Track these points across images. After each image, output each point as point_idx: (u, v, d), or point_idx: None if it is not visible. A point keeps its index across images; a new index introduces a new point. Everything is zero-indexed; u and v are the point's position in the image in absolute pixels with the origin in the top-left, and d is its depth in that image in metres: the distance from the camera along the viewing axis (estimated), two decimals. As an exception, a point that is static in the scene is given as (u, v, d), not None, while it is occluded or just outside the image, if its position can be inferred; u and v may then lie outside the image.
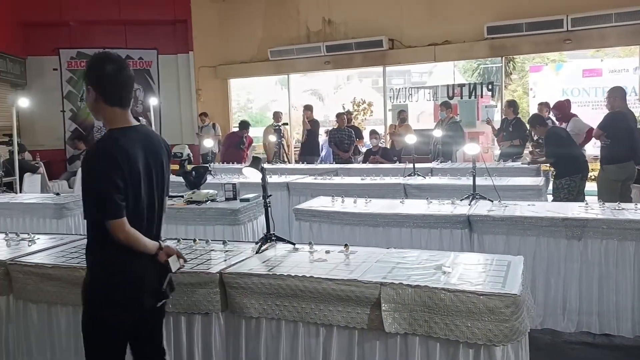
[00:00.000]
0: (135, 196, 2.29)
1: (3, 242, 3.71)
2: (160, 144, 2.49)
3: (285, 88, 12.80)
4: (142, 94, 12.09)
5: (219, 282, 2.72)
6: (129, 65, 2.38)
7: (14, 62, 11.18)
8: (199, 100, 12.02)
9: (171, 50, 12.07)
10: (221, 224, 4.69)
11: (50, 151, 11.37)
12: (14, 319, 3.11)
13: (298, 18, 11.34)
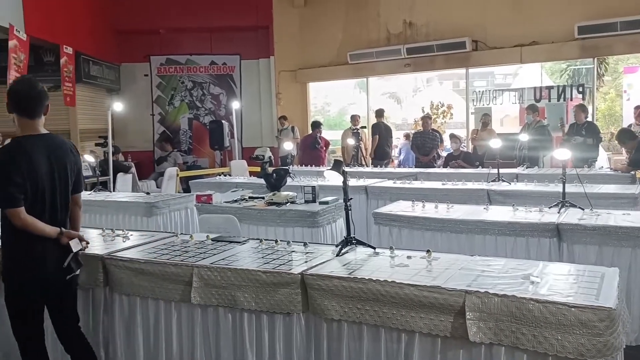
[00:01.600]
0: (36, 190, 2.81)
1: (100, 237, 3.96)
2: (67, 150, 3.01)
3: (364, 91, 12.80)
4: (225, 97, 12.51)
5: (300, 283, 2.76)
6: (39, 86, 2.93)
7: (110, 69, 11.90)
8: (279, 103, 12.26)
9: (253, 56, 12.40)
10: (300, 226, 4.75)
11: (140, 152, 12.01)
12: (109, 310, 3.30)
13: (378, 21, 11.32)
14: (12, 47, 7.58)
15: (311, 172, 7.82)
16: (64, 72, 9.19)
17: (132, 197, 6.38)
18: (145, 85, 12.53)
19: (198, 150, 12.59)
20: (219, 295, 2.93)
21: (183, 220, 5.91)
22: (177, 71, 12.56)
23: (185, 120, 12.69)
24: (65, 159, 2.96)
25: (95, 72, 11.20)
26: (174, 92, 12.63)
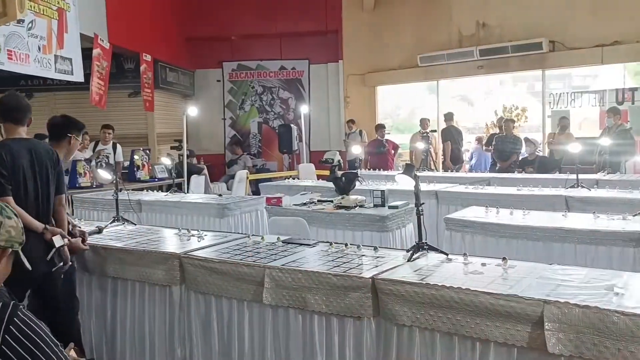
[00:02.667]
0: (19, 186, 3.17)
1: (176, 237, 4.11)
2: (47, 153, 3.37)
3: (433, 94, 12.60)
4: (294, 101, 12.68)
5: (371, 287, 2.74)
6: (23, 98, 3.59)
7: (184, 75, 12.36)
8: (347, 107, 12.29)
9: (322, 60, 12.51)
10: (369, 230, 4.73)
11: (212, 155, 12.38)
12: (184, 307, 3.41)
13: (450, 23, 11.13)
14: (96, 55, 8.03)
15: (379, 176, 7.78)
16: (144, 79, 9.64)
17: (205, 198, 6.58)
18: (217, 91, 12.91)
19: (267, 153, 12.83)
20: (290, 297, 2.96)
21: (253, 221, 6.03)
22: (248, 76, 12.86)
23: (255, 124, 12.97)
24: (45, 159, 3.34)
25: (172, 79, 11.67)
26: (245, 97, 12.94)
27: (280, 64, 12.69)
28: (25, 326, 1.26)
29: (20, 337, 1.24)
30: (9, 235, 1.42)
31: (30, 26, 6.15)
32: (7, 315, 1.26)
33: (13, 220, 1.44)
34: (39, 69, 6.48)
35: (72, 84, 7.89)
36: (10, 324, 1.25)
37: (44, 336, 1.29)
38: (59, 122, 3.83)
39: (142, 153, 9.40)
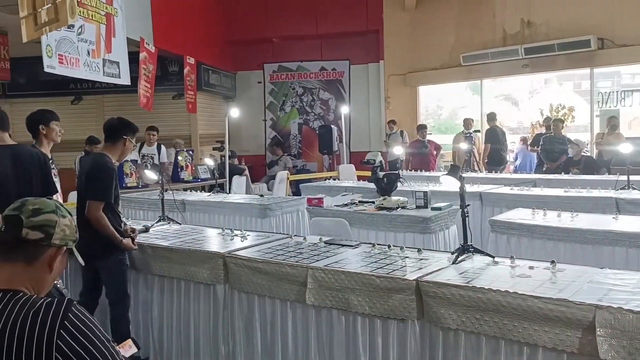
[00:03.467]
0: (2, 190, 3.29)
1: (220, 236, 4.17)
2: (32, 157, 3.50)
3: (476, 94, 12.39)
4: (334, 102, 12.68)
5: (415, 290, 2.71)
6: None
7: (226, 77, 12.53)
8: (388, 108, 12.22)
9: (362, 60, 12.47)
10: (411, 231, 4.68)
11: (252, 156, 12.51)
12: (228, 306, 3.46)
13: (494, 21, 10.92)
14: (142, 58, 8.23)
15: (421, 177, 7.70)
16: (187, 81, 9.81)
17: (246, 199, 6.65)
18: (258, 92, 13.04)
19: (307, 154, 12.87)
20: (333, 298, 2.96)
21: (294, 222, 6.06)
22: (289, 78, 12.93)
23: (295, 125, 13.04)
24: (28, 163, 3.48)
25: (214, 81, 11.85)
26: (285, 98, 13.02)
27: (320, 64, 12.72)
28: (79, 321, 1.30)
29: (74, 332, 1.28)
30: (63, 234, 1.46)
31: (80, 31, 6.34)
32: (62, 310, 1.30)
33: (67, 219, 1.49)
34: (88, 73, 6.67)
35: (119, 87, 8.10)
36: (65, 319, 1.28)
37: (97, 331, 1.33)
38: (114, 125, 3.92)
39: (185, 154, 9.58)
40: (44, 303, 1.31)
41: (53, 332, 1.26)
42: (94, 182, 3.70)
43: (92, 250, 3.61)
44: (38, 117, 4.02)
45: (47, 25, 4.89)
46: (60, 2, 4.77)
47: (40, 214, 1.42)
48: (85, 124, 10.67)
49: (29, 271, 1.40)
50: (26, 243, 1.39)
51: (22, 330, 1.26)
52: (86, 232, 3.65)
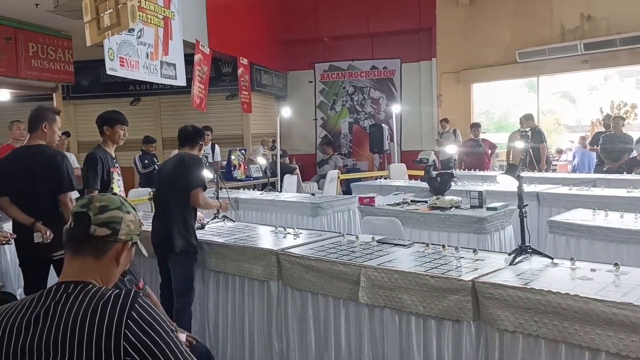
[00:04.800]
0: (18, 187, 3.76)
1: (273, 234, 4.23)
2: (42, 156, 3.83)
3: (531, 91, 12.04)
4: (385, 101, 12.61)
5: (471, 291, 2.67)
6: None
7: (278, 77, 12.67)
8: (440, 106, 12.04)
9: (414, 58, 12.34)
10: (466, 231, 4.61)
11: (303, 155, 12.59)
12: (281, 302, 3.50)
13: (551, 16, 10.59)
14: (197, 60, 8.43)
15: (475, 177, 7.56)
16: (241, 82, 9.99)
17: (298, 197, 6.71)
18: (309, 92, 13.11)
19: (358, 153, 12.85)
20: (386, 297, 2.95)
21: (345, 221, 6.07)
22: (339, 77, 12.95)
23: (345, 125, 13.04)
24: (38, 164, 3.80)
25: (266, 81, 12.01)
26: (336, 97, 13.04)
27: (371, 63, 12.68)
28: (144, 312, 1.35)
29: (140, 322, 1.33)
30: (128, 230, 1.52)
31: (139, 34, 6.56)
32: (129, 301, 1.36)
33: (132, 215, 1.54)
34: (147, 75, 6.89)
35: (174, 88, 8.32)
36: (132, 309, 1.34)
37: (162, 322, 1.38)
38: (191, 132, 4.33)
39: (238, 153, 9.76)
40: (113, 294, 1.38)
41: (121, 322, 1.32)
42: (192, 174, 4.05)
43: (167, 243, 3.80)
44: (106, 117, 4.21)
45: (110, 29, 5.09)
46: (121, 6, 4.96)
47: (106, 211, 1.48)
48: (143, 124, 11.03)
49: (98, 265, 1.47)
50: (94, 239, 1.46)
51: (93, 319, 1.32)
52: (163, 226, 3.82)
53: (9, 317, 1.38)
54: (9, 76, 8.37)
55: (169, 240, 3.89)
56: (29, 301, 1.40)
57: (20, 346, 1.33)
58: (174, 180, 4.07)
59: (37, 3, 7.30)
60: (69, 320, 1.33)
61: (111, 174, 4.07)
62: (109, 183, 4.05)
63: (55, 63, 9.22)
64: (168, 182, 4.14)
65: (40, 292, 1.42)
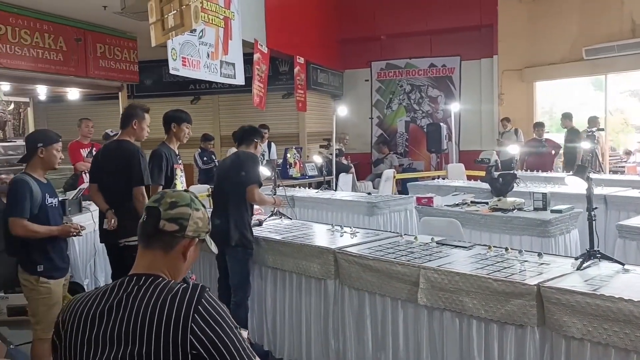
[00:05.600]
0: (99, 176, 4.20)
1: (329, 232, 4.24)
2: (119, 151, 4.07)
3: (598, 90, 11.53)
4: (443, 99, 12.37)
5: (536, 295, 2.59)
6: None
7: (334, 75, 12.68)
8: (501, 105, 11.71)
9: (474, 56, 12.04)
10: (529, 234, 4.46)
11: (358, 154, 12.54)
12: (338, 301, 3.50)
13: (621, 11, 10.09)
14: (256, 60, 8.54)
15: (538, 178, 7.32)
16: (297, 81, 10.05)
17: (354, 196, 6.70)
18: (365, 90, 13.05)
19: (414, 153, 12.69)
20: (446, 299, 2.90)
21: (402, 221, 6.01)
22: (396, 75, 12.82)
23: (402, 123, 12.90)
24: (114, 158, 4.07)
25: (322, 80, 12.04)
26: (392, 96, 12.92)
27: (430, 61, 12.47)
28: (210, 307, 1.39)
29: (206, 317, 1.37)
30: (196, 226, 1.55)
31: (200, 35, 6.71)
32: (196, 296, 1.40)
33: (200, 212, 1.57)
34: (207, 74, 7.05)
35: (233, 87, 8.48)
36: (199, 304, 1.38)
37: (226, 317, 1.41)
38: (248, 130, 4.42)
39: (294, 151, 9.84)
40: (181, 288, 1.42)
41: (188, 315, 1.36)
42: (248, 171, 4.12)
43: (223, 237, 3.89)
44: (174, 115, 4.38)
45: (173, 30, 5.24)
46: (185, 8, 5.09)
47: (176, 207, 1.52)
48: (202, 122, 11.29)
49: (166, 259, 1.51)
50: (163, 233, 1.50)
51: (162, 312, 1.36)
52: (221, 221, 3.94)
53: (84, 307, 1.44)
54: (79, 76, 8.76)
55: (225, 234, 3.97)
56: (102, 292, 1.46)
57: (94, 335, 1.39)
58: (231, 177, 4.15)
59: (105, 5, 7.60)
60: (139, 311, 1.38)
61: (175, 170, 4.19)
62: (172, 179, 4.18)
63: (121, 63, 9.58)
64: (225, 179, 4.23)
65: (113, 283, 1.48)
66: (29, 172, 3.42)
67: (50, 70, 8.22)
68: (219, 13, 6.88)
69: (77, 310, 1.44)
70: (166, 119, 4.39)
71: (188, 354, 1.33)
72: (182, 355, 1.33)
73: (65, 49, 8.38)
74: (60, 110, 11.97)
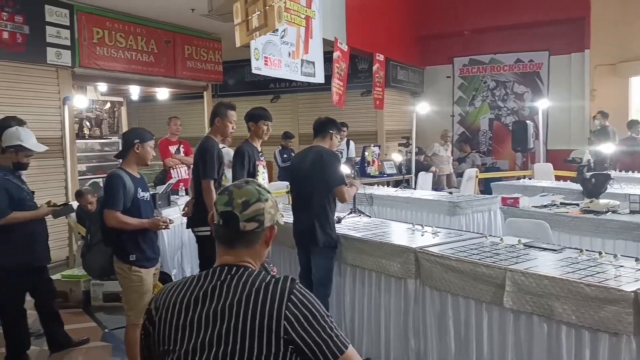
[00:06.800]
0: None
1: (410, 231, 4.19)
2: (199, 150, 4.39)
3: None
4: (530, 96, 11.88)
5: (633, 302, 2.43)
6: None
7: (414, 72, 12.50)
8: (592, 101, 11.06)
9: (564, 50, 11.44)
10: (623, 238, 4.21)
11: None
12: (419, 301, 3.45)
13: None
14: (335, 58, 8.58)
15: (633, 179, 6.87)
16: (376, 78, 10.00)
17: (435, 195, 6.58)
18: (446, 87, 12.76)
19: (498, 151, 12.28)
20: (534, 303, 2.78)
21: (485, 221, 5.84)
22: (480, 71, 12.44)
23: (485, 121, 12.51)
24: (195, 154, 4.37)
25: (402, 77, 11.91)
26: (476, 93, 12.56)
27: (516, 56, 11.99)
28: (303, 297, 1.45)
29: (299, 305, 1.43)
30: (271, 216, 1.60)
31: (282, 34, 6.83)
32: (288, 285, 1.46)
33: (270, 201, 1.61)
34: (288, 73, 7.17)
35: (311, 85, 8.57)
36: (291, 293, 1.44)
37: (318, 306, 1.47)
38: (322, 122, 4.32)
39: (372, 149, 9.80)
40: (273, 279, 1.48)
41: (282, 303, 1.42)
42: (334, 171, 4.06)
43: (309, 237, 3.96)
44: (251, 113, 4.52)
45: (257, 31, 5.37)
46: (269, 8, 5.20)
47: (249, 205, 1.55)
48: (282, 120, 11.49)
49: (251, 251, 1.58)
50: (245, 233, 1.55)
51: (256, 299, 1.43)
52: (305, 220, 4.00)
53: (177, 294, 1.51)
54: (168, 76, 9.19)
55: (312, 234, 3.97)
56: (193, 280, 1.53)
57: (189, 319, 1.46)
58: (315, 176, 4.05)
59: (193, 8, 7.92)
60: (234, 297, 1.44)
61: (257, 167, 4.30)
62: (254, 176, 4.29)
63: (206, 64, 9.95)
64: (308, 178, 4.10)
65: (202, 272, 1.54)
66: (124, 167, 3.63)
67: (142, 71, 8.68)
68: (300, 12, 6.97)
69: (170, 297, 1.51)
70: (245, 117, 4.53)
71: (280, 339, 1.38)
72: (275, 340, 1.38)
73: (156, 50, 8.82)
74: (150, 109, 12.62)
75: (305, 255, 4.13)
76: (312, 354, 1.40)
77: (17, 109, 6.06)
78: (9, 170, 3.89)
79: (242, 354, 1.38)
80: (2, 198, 3.75)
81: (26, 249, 3.90)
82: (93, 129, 10.45)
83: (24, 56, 6.86)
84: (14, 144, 3.86)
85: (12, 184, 3.85)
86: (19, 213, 3.83)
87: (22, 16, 6.80)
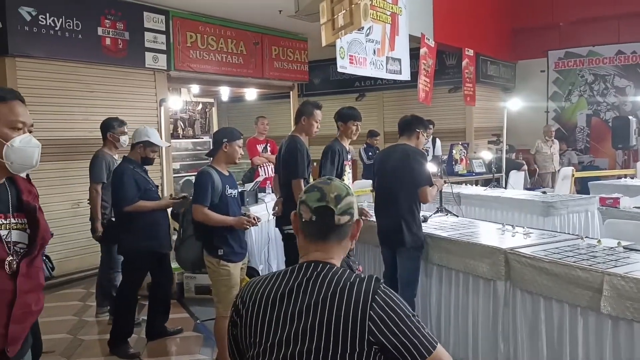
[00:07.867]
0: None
1: (499, 232, 4.04)
2: (286, 149, 4.39)
3: None
4: (633, 90, 11.08)
5: None
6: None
7: (505, 67, 12.03)
8: None
9: (674, 39, 10.58)
10: None
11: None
12: (509, 304, 3.33)
13: None
14: (422, 54, 8.44)
15: None
16: (465, 74, 9.73)
17: (527, 195, 6.31)
18: (540, 82, 12.18)
19: (596, 149, 11.56)
20: (635, 309, 2.60)
21: (582, 223, 5.51)
22: (577, 64, 11.76)
23: (582, 117, 11.81)
24: (283, 153, 4.36)
25: (492, 72, 11.51)
26: (572, 87, 11.89)
27: (617, 48, 11.22)
28: (388, 297, 1.45)
29: (383, 305, 1.42)
30: (356, 209, 1.63)
31: (368, 32, 6.81)
32: (372, 285, 1.46)
33: (353, 195, 1.64)
34: (373, 71, 7.14)
35: (397, 82, 8.49)
36: (375, 294, 1.44)
37: (403, 306, 1.46)
38: (408, 120, 4.28)
39: (460, 147, 9.55)
40: (358, 278, 1.49)
41: (367, 303, 1.41)
42: (420, 171, 4.00)
43: (396, 237, 3.93)
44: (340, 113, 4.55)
45: (343, 29, 5.39)
46: (354, 6, 5.21)
47: (341, 199, 1.57)
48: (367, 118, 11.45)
49: (340, 246, 1.60)
50: (339, 227, 1.57)
51: (341, 298, 1.44)
52: (392, 220, 3.97)
53: (264, 289, 1.54)
54: (256, 77, 9.46)
55: (398, 235, 3.92)
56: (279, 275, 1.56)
57: (276, 315, 1.49)
58: (402, 175, 3.99)
59: (280, 10, 8.09)
60: (320, 295, 1.46)
61: (344, 167, 4.33)
62: (340, 175, 4.32)
63: (292, 64, 10.13)
64: (393, 177, 4.07)
65: (290, 268, 1.57)
66: (214, 165, 3.78)
67: (232, 72, 8.99)
68: (386, 9, 6.93)
69: (256, 292, 1.55)
70: (335, 116, 4.55)
71: (365, 339, 1.38)
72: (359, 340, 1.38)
73: (245, 52, 9.11)
74: (239, 109, 13.05)
75: (390, 254, 4.09)
76: (399, 354, 1.39)
77: (118, 111, 6.46)
78: (137, 164, 4.32)
79: (326, 351, 1.39)
80: (131, 187, 4.16)
81: (151, 234, 4.26)
82: (186, 129, 10.96)
83: (125, 61, 7.32)
84: (142, 140, 4.29)
85: (139, 176, 4.27)
86: (145, 202, 4.22)
87: (123, 23, 7.26)
